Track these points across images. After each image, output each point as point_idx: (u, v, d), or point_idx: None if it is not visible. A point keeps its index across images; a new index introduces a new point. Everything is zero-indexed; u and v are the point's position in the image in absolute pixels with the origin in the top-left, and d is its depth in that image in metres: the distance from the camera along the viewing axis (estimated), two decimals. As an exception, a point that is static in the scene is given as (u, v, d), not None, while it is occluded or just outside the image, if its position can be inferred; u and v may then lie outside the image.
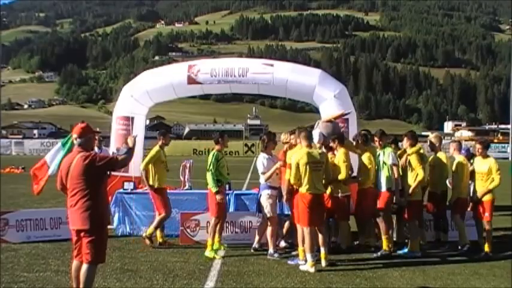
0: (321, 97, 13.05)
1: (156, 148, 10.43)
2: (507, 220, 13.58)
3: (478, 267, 8.88)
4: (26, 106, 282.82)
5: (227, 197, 11.37)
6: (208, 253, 9.49)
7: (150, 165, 10.29)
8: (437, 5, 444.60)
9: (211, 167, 9.66)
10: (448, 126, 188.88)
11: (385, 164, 9.63)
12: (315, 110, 14.15)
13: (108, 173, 6.41)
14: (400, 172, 9.74)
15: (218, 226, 9.79)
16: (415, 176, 9.62)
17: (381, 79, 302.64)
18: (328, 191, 9.38)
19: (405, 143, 10.08)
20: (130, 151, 6.40)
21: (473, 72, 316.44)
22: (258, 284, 7.81)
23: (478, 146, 10.01)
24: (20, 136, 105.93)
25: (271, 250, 9.45)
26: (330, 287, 7.70)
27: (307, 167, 8.68)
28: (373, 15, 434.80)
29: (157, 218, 10.22)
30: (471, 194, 10.13)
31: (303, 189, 8.76)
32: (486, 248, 9.59)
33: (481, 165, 9.74)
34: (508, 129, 73.63)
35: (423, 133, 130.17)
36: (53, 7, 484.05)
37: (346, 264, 9.01)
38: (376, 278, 8.15)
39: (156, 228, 10.23)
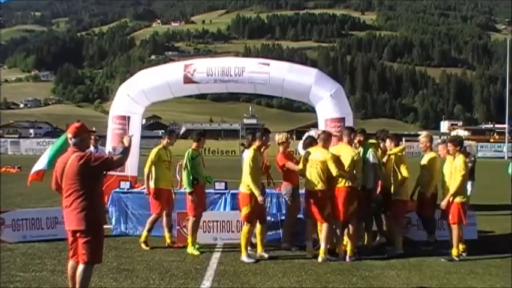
0: (317, 96, 13.08)
1: (155, 149, 10.32)
2: (505, 220, 13.60)
3: (474, 266, 8.91)
4: (21, 105, 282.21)
5: (223, 197, 11.43)
6: (189, 249, 9.71)
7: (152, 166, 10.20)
8: (433, 5, 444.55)
9: (186, 166, 9.76)
10: (444, 125, 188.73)
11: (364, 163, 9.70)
12: (312, 110, 14.19)
13: (104, 172, 6.40)
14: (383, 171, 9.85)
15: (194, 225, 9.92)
16: (399, 176, 9.66)
17: (377, 78, 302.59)
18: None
19: (389, 144, 10.07)
20: (126, 151, 6.37)
21: (469, 72, 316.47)
22: (254, 283, 7.81)
23: (449, 145, 9.82)
24: (16, 135, 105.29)
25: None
26: (327, 287, 7.71)
27: (309, 163, 9.35)
28: (370, 14, 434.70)
29: (152, 218, 10.22)
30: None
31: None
32: (453, 252, 9.39)
33: (451, 164, 9.62)
34: (504, 128, 73.79)
35: (419, 132, 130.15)
36: (49, 6, 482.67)
37: (343, 264, 9.01)
38: (373, 278, 8.16)
39: (149, 231, 10.15)
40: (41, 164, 11.35)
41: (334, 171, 9.09)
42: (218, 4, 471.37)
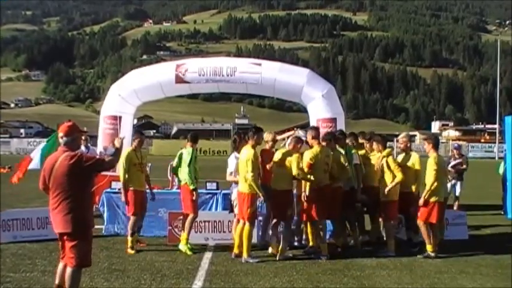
0: (308, 96, 13.10)
1: (125, 153, 9.98)
2: (496, 219, 13.67)
3: (464, 265, 8.94)
4: (12, 105, 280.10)
5: (215, 197, 11.43)
6: (182, 247, 9.68)
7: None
8: (424, 6, 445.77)
9: (190, 163, 9.73)
10: (435, 125, 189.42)
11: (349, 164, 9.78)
12: (303, 110, 14.21)
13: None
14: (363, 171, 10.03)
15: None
16: (391, 177, 9.67)
17: (368, 79, 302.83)
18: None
19: (376, 147, 10.07)
20: (117, 152, 6.32)
21: (460, 72, 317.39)
22: (246, 283, 7.80)
23: (424, 143, 9.87)
24: (7, 135, 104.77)
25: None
26: (318, 286, 7.71)
27: (276, 164, 9.36)
28: (361, 15, 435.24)
29: (131, 221, 10.08)
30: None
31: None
32: (429, 248, 9.42)
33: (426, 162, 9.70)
34: (495, 129, 74.14)
35: (410, 133, 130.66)
36: (40, 5, 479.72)
37: (334, 263, 9.02)
38: (364, 277, 8.18)
39: (133, 231, 10.07)
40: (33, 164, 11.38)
41: (294, 170, 9.17)
42: (210, 4, 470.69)
